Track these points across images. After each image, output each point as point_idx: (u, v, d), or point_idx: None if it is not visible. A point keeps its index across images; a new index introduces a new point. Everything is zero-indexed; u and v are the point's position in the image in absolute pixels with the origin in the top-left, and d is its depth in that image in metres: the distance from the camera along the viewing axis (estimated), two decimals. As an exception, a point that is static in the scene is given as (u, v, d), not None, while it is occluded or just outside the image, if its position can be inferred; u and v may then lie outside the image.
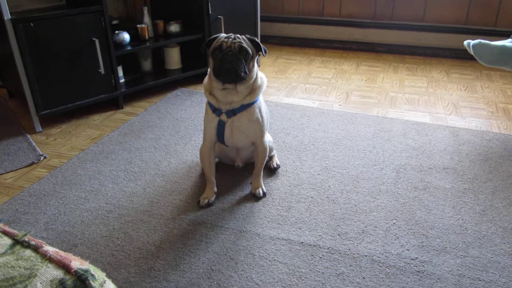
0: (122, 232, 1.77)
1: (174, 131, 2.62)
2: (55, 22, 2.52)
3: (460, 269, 1.56)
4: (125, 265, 1.59)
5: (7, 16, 2.34)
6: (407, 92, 3.23)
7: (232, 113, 1.80)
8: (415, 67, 3.78)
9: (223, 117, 1.81)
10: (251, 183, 2.05)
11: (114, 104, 2.98)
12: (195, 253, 1.64)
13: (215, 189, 1.99)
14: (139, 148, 2.43)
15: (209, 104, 1.84)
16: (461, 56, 3.94)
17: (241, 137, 1.87)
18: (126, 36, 2.94)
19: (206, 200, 1.94)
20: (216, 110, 1.81)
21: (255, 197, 1.98)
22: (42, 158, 2.34)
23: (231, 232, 1.76)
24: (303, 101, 3.07)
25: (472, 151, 2.36)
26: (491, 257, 1.61)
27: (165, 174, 2.18)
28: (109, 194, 2.02)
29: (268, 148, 1.98)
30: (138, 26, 3.04)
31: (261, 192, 1.99)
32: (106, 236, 1.74)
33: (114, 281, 1.49)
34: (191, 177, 2.14)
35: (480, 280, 1.51)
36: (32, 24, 2.44)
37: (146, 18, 3.10)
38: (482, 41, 2.38)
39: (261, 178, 2.03)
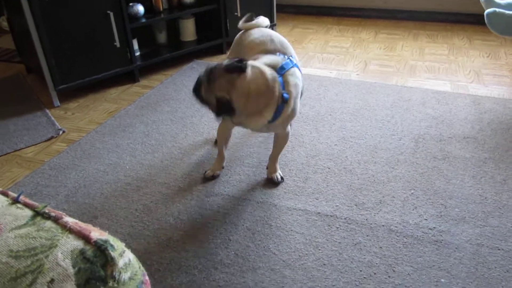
0: (141, 204, 1.79)
1: (190, 103, 2.62)
2: (69, -5, 2.51)
3: (478, 238, 1.54)
4: (144, 235, 1.62)
5: (22, -9, 2.34)
6: (427, 60, 3.14)
7: None
8: (436, 34, 3.66)
9: None
10: (266, 168, 1.95)
11: (130, 77, 2.98)
12: (213, 224, 1.66)
13: (224, 164, 1.97)
14: (155, 121, 2.44)
15: None
16: (484, 22, 3.79)
17: (264, 130, 1.74)
18: (140, 8, 2.91)
19: (211, 173, 1.93)
20: None
21: (272, 182, 1.89)
22: (61, 132, 2.37)
23: (248, 203, 1.77)
24: (320, 71, 3.02)
25: (494, 119, 2.30)
26: (511, 227, 1.59)
27: (182, 146, 2.19)
28: (127, 167, 2.04)
29: (289, 135, 1.85)
30: (152, -3, 3.01)
31: (278, 177, 1.89)
32: (125, 208, 1.77)
33: (134, 251, 1.52)
34: (208, 149, 2.15)
35: (499, 250, 1.49)
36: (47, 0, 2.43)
37: (160, -11, 3.06)
38: (497, 10, 2.29)
39: (278, 162, 1.93)
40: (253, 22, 1.93)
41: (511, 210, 1.67)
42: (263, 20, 1.98)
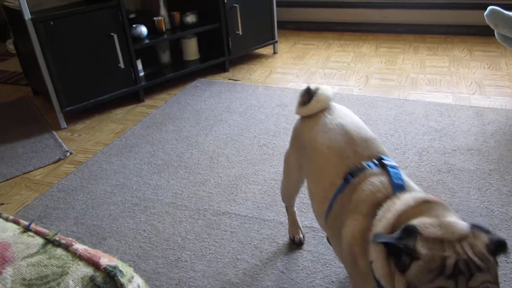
0: (149, 224, 1.81)
1: (194, 122, 2.65)
2: (74, 19, 2.56)
3: (486, 252, 1.55)
4: (153, 256, 1.63)
5: (27, 16, 2.39)
6: (429, 72, 3.17)
7: None
8: (436, 46, 3.69)
9: None
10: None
11: (135, 97, 3.02)
12: (220, 243, 1.67)
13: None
14: (161, 140, 2.47)
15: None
16: (484, 33, 3.83)
17: None
18: (143, 30, 2.96)
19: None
20: None
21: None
22: (68, 154, 2.40)
23: (254, 221, 1.78)
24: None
25: (497, 130, 2.31)
26: (519, 239, 1.59)
27: (188, 165, 2.21)
28: (134, 187, 2.06)
29: None
30: (155, 18, 3.06)
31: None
32: (133, 229, 1.79)
33: (143, 272, 1.54)
34: (213, 168, 2.17)
35: (507, 263, 1.49)
36: (52, 23, 2.48)
37: (163, 10, 3.12)
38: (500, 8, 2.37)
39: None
40: (314, 101, 1.33)
41: (517, 222, 1.67)
42: (326, 93, 1.36)
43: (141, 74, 3.08)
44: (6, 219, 0.79)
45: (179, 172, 2.16)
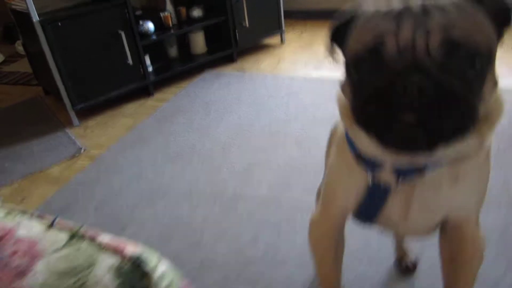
0: (167, 211, 1.83)
1: (205, 114, 2.67)
2: (81, 19, 2.59)
3: (505, 219, 1.55)
4: (174, 240, 1.66)
5: (35, 18, 2.42)
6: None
7: (416, 172, 0.74)
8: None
9: (386, 177, 0.77)
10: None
11: (145, 92, 3.05)
12: (239, 224, 1.70)
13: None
14: (173, 132, 2.49)
15: (351, 145, 0.79)
16: None
17: (427, 219, 0.83)
18: (150, 26, 2.99)
19: None
20: (369, 163, 0.77)
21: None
22: (82, 150, 2.43)
23: (270, 203, 1.80)
24: (333, 73, 3.05)
25: (510, 110, 2.30)
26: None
27: (201, 155, 2.23)
28: (150, 177, 2.09)
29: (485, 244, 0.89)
30: (161, 14, 3.09)
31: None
32: (152, 216, 1.81)
33: (165, 255, 1.56)
34: (226, 157, 2.19)
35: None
36: (59, 24, 2.51)
37: (169, 6, 3.14)
38: None
39: None
40: None
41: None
42: None
43: (150, 69, 3.11)
44: (31, 216, 0.82)
45: (193, 161, 2.18)
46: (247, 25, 3.34)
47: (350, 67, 0.69)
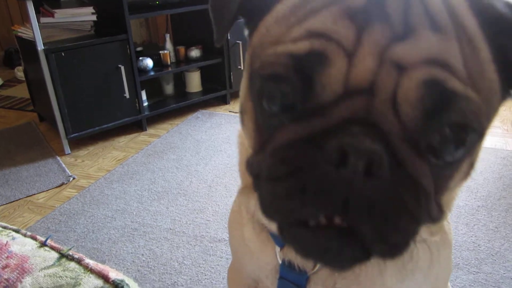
0: (147, 249, 1.87)
1: (195, 152, 2.74)
2: (84, 51, 2.69)
3: (472, 284, 1.60)
4: (151, 280, 1.68)
5: (40, 47, 2.51)
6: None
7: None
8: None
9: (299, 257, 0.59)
10: None
11: (138, 126, 3.12)
12: (216, 269, 1.73)
13: None
14: (162, 168, 2.55)
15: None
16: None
17: None
18: (149, 62, 3.09)
19: None
20: (274, 235, 0.63)
21: None
22: (71, 179, 2.47)
23: (250, 249, 1.84)
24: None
25: (487, 168, 2.40)
26: (504, 273, 1.65)
27: (187, 193, 2.28)
28: (134, 213, 2.13)
29: None
30: (160, 52, 3.20)
31: None
32: (132, 253, 1.84)
33: (140, 295, 1.59)
34: (211, 196, 2.24)
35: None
36: (63, 54, 2.60)
37: (168, 45, 3.26)
38: None
39: None
40: None
41: (503, 257, 1.73)
42: None
43: (145, 104, 3.19)
44: (25, 235, 0.87)
45: (178, 199, 2.23)
46: (242, 67, 3.45)
47: (256, 84, 0.42)
